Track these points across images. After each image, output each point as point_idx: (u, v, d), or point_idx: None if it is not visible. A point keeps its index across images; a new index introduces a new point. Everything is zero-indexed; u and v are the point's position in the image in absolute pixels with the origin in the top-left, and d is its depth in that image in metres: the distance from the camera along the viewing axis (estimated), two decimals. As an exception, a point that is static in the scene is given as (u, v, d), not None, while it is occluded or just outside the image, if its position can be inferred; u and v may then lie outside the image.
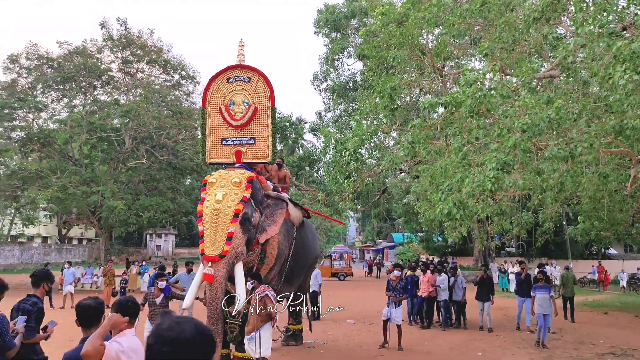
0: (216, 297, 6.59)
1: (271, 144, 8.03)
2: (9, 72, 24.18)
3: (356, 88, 30.15)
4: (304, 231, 9.27)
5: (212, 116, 8.25)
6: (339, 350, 10.14)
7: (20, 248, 39.18)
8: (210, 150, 8.28)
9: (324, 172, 32.40)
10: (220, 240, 6.76)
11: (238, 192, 7.17)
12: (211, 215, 6.90)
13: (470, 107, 7.99)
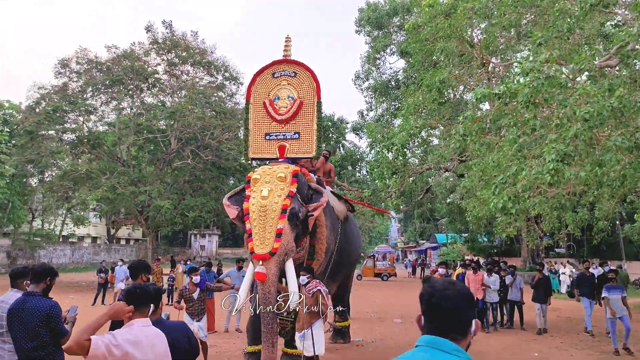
0: (269, 295, 6.39)
1: (316, 139, 7.86)
2: (60, 76, 24.97)
3: (399, 86, 29.82)
4: (348, 226, 9.00)
5: (256, 111, 8.16)
6: (388, 348, 9.95)
7: (71, 248, 40.44)
8: (253, 146, 8.15)
9: (367, 170, 32.22)
10: (269, 238, 6.56)
11: (284, 187, 6.97)
12: (258, 213, 6.72)
13: (526, 97, 7.68)
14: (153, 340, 2.99)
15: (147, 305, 3.13)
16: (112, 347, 2.71)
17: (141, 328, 2.97)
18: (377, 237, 62.41)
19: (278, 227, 6.60)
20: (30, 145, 24.48)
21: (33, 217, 37.09)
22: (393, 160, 11.91)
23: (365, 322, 13.51)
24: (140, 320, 3.02)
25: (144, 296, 3.11)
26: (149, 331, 3.01)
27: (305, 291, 6.93)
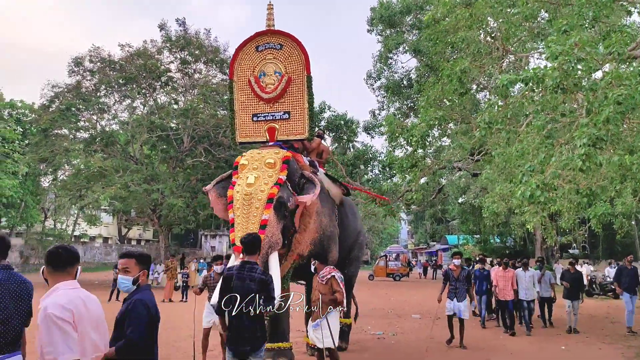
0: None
1: (308, 118, 7.15)
2: (73, 75, 25.03)
3: (411, 85, 29.64)
4: (343, 210, 8.30)
5: (241, 90, 7.42)
6: (410, 341, 9.77)
7: (83, 248, 40.54)
8: (241, 129, 7.47)
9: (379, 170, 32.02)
10: (252, 229, 5.98)
11: (272, 174, 6.42)
12: (242, 201, 6.18)
13: (555, 81, 7.49)
14: (86, 300, 2.86)
15: (73, 266, 2.95)
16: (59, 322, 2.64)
17: (67, 292, 2.81)
18: (387, 239, 62.17)
19: (263, 217, 6.08)
20: (44, 143, 24.56)
21: (45, 217, 37.23)
22: (412, 152, 11.74)
23: (382, 318, 13.33)
24: (67, 283, 2.87)
25: (69, 257, 2.95)
26: (77, 293, 2.85)
27: (318, 279, 6.61)
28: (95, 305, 2.91)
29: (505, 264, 11.34)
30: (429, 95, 12.21)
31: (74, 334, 2.65)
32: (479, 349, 8.97)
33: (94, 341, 2.82)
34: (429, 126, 11.04)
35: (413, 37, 29.66)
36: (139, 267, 3.37)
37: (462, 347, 8.83)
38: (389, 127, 13.64)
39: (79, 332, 2.71)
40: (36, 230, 36.09)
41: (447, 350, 8.83)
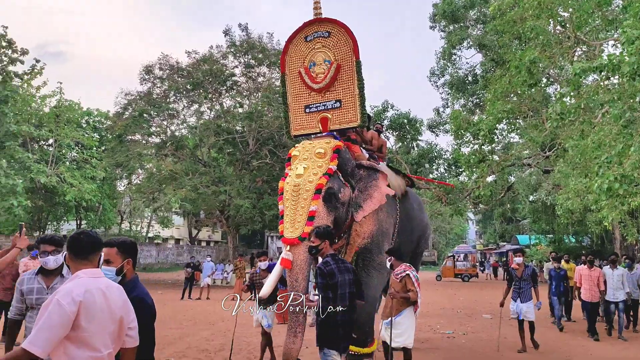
0: (296, 284, 5.71)
1: (359, 104, 6.86)
2: (145, 82, 26.12)
3: (476, 81, 28.92)
4: (407, 202, 7.96)
5: (293, 82, 7.29)
6: (481, 340, 9.51)
7: (156, 249, 42.20)
8: (294, 121, 7.30)
9: (444, 168, 31.42)
10: (300, 221, 5.86)
11: (322, 164, 6.22)
12: (291, 192, 6.03)
13: (632, 67, 7.09)
14: (106, 291, 2.67)
15: (95, 254, 2.78)
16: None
17: (86, 280, 2.62)
18: (454, 239, 60.86)
19: (311, 208, 5.91)
20: (119, 149, 25.77)
21: (122, 219, 39.05)
22: (479, 147, 11.43)
23: (452, 317, 13.06)
24: (88, 271, 2.68)
25: (90, 243, 2.76)
26: (97, 283, 2.66)
27: (393, 276, 6.54)
28: (116, 295, 2.75)
29: (591, 262, 10.35)
30: (496, 88, 11.84)
31: (60, 332, 2.44)
32: (555, 352, 8.59)
33: (112, 333, 2.67)
34: (497, 120, 10.72)
35: (477, 31, 28.96)
36: (121, 256, 3.20)
37: (535, 347, 8.46)
38: (454, 122, 13.34)
39: (89, 327, 2.53)
40: (113, 232, 37.89)
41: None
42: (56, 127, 29.75)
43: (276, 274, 6.09)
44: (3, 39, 28.81)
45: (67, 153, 32.39)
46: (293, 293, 6.91)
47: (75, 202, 30.87)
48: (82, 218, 36.55)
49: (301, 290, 5.67)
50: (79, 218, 36.72)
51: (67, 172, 29.42)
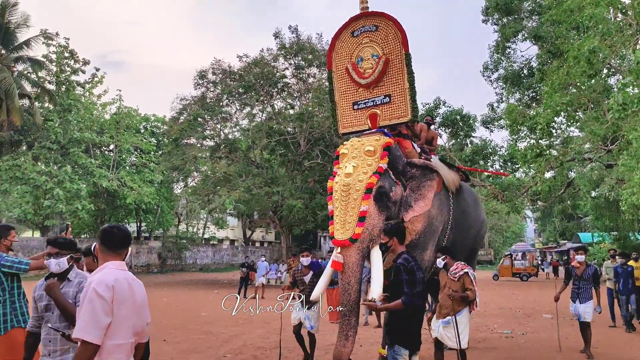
0: (348, 287, 5.59)
1: (410, 99, 6.57)
2: (199, 87, 26.79)
3: (532, 74, 28.01)
4: (462, 197, 7.60)
5: (340, 79, 7.09)
6: (541, 340, 9.22)
7: (212, 249, 43.18)
8: (342, 119, 7.10)
9: (500, 164, 30.61)
10: (350, 222, 5.71)
11: (371, 163, 6.02)
12: (341, 192, 5.87)
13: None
14: (132, 283, 2.75)
15: (125, 248, 2.88)
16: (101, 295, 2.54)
17: (115, 271, 2.71)
18: (511, 237, 59.16)
19: (361, 209, 5.74)
20: (175, 152, 26.53)
21: (179, 221, 40.16)
22: (536, 141, 11.06)
23: (510, 317, 12.71)
24: (115, 263, 2.77)
25: (123, 237, 2.87)
26: (124, 274, 2.75)
27: (450, 275, 6.36)
28: (139, 288, 2.84)
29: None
30: (553, 80, 11.41)
31: (104, 318, 2.53)
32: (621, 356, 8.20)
33: (134, 325, 2.73)
34: (555, 112, 10.33)
35: (532, 23, 28.05)
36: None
37: (589, 358, 7.70)
38: (509, 116, 12.95)
39: (119, 314, 2.61)
40: (171, 234, 39.02)
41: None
42: (116, 133, 30.97)
43: (327, 276, 6.02)
44: (66, 50, 30.24)
45: (127, 158, 33.65)
46: (293, 293, 6.96)
47: (135, 205, 32.02)
48: (142, 220, 37.84)
49: (354, 293, 5.56)
50: (139, 220, 38.03)
51: (127, 176, 30.56)
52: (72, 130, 28.76)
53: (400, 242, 4.88)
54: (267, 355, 8.01)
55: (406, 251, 4.84)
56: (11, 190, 26.97)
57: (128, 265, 5.56)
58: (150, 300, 3.15)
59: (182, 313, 13.48)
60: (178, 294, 20.10)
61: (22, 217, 28.38)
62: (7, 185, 27.21)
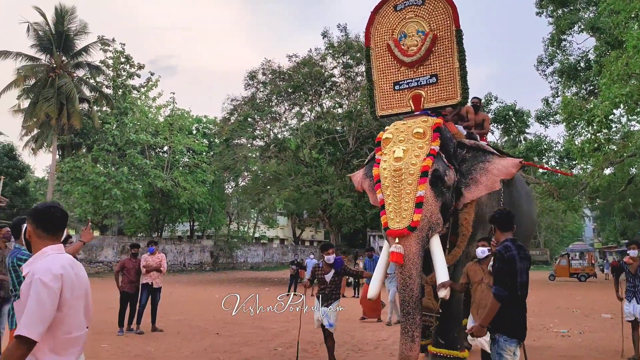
0: (410, 281, 5.13)
1: (460, 79, 5.99)
2: (249, 88, 27.23)
3: (589, 67, 26.98)
4: (514, 188, 6.97)
5: (380, 57, 6.48)
6: (599, 339, 8.87)
7: (263, 248, 43.77)
8: (381, 100, 6.50)
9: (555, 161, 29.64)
10: (407, 209, 5.23)
11: (423, 146, 5.51)
12: (392, 179, 5.37)
13: None
14: (74, 267, 2.49)
15: (62, 230, 2.58)
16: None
17: (58, 257, 2.43)
18: (568, 237, 57.10)
19: (418, 194, 5.25)
20: (226, 152, 27.07)
21: (230, 220, 40.94)
22: (594, 134, 10.65)
23: (567, 316, 12.30)
24: (55, 247, 2.48)
25: (63, 218, 2.54)
26: (66, 259, 2.47)
27: (486, 267, 5.58)
28: (82, 272, 2.57)
29: None
30: (612, 71, 10.96)
31: (52, 312, 2.27)
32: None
33: (86, 311, 2.54)
34: (614, 105, 9.92)
35: (589, 14, 27.05)
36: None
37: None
38: (565, 109, 12.51)
39: (72, 305, 2.38)
40: (223, 233, 39.81)
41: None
42: (170, 135, 31.89)
43: (381, 271, 5.60)
44: (122, 55, 31.39)
45: (180, 159, 34.57)
46: (293, 293, 6.62)
47: (188, 205, 32.86)
48: (195, 219, 38.78)
49: (416, 287, 5.16)
50: (192, 219, 38.99)
51: (181, 177, 31.41)
52: (129, 132, 29.80)
53: (502, 230, 4.37)
54: (316, 349, 8.06)
55: (511, 239, 4.31)
56: (72, 191, 28.25)
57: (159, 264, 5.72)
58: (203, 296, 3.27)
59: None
60: (230, 291, 20.48)
61: (83, 216, 29.67)
62: (69, 186, 28.50)
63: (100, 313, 11.80)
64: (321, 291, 6.87)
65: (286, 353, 7.85)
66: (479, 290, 5.56)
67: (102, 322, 10.15)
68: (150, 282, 9.81)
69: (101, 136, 30.58)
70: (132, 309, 9.67)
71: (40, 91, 28.24)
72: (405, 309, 5.17)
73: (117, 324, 9.51)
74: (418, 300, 5.18)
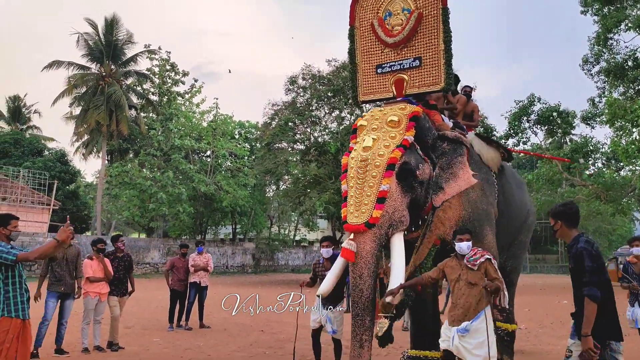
0: (360, 281, 4.75)
1: (444, 63, 5.48)
2: (289, 93, 27.67)
3: (638, 66, 26.24)
4: (504, 179, 6.45)
5: (363, 37, 6.01)
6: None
7: (303, 251, 44.13)
8: (363, 84, 6.06)
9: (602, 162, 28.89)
10: (367, 203, 4.82)
11: (395, 135, 5.09)
12: (357, 169, 4.98)
13: None
14: None
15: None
16: None
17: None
18: (617, 241, 55.21)
19: (381, 188, 4.83)
20: (267, 156, 27.58)
21: (271, 224, 41.47)
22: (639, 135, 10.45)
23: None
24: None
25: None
26: None
27: (467, 263, 4.83)
28: None
29: None
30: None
31: None
32: None
33: None
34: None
35: (637, 11, 26.33)
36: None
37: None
38: (609, 110, 12.31)
39: None
40: (264, 236, 40.35)
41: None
42: (213, 140, 32.61)
43: (338, 267, 5.22)
44: (167, 63, 32.37)
45: (223, 163, 35.28)
46: (293, 293, 6.26)
47: (230, 208, 33.49)
48: (237, 222, 39.46)
49: (367, 289, 4.76)
50: (234, 222, 39.68)
51: (223, 181, 32.08)
52: (173, 137, 30.67)
53: (569, 226, 4.02)
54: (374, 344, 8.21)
55: (582, 233, 4.01)
56: (120, 195, 29.27)
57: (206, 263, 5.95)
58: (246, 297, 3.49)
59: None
60: (272, 292, 20.84)
61: (130, 219, 30.70)
62: (117, 190, 29.56)
63: (150, 311, 12.34)
64: None
65: (329, 349, 8.03)
66: (457, 289, 4.84)
67: (152, 319, 10.61)
68: (198, 281, 10.22)
69: (147, 141, 31.58)
70: (181, 306, 10.07)
71: (90, 99, 29.49)
72: (354, 311, 4.82)
73: (167, 320, 9.93)
74: (368, 301, 4.79)
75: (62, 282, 7.31)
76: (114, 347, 7.86)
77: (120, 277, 8.16)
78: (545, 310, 13.42)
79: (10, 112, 40.92)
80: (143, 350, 7.97)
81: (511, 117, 26.56)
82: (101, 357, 7.38)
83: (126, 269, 8.28)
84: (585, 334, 3.60)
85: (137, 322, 9.64)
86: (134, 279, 8.60)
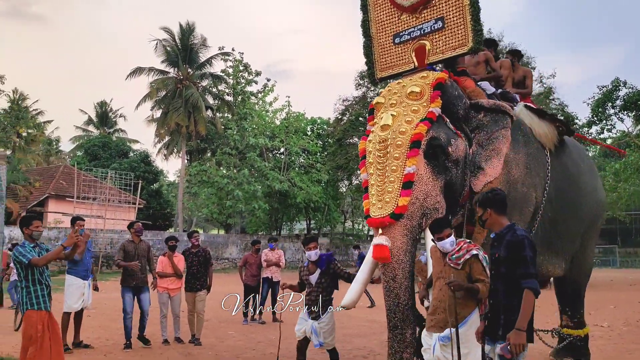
0: (394, 284, 3.98)
1: (470, 21, 4.63)
2: (359, 88, 27.70)
3: None
4: (567, 158, 5.52)
5: (377, 4, 5.31)
6: None
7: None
8: (380, 59, 5.33)
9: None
10: (391, 190, 4.06)
11: (418, 108, 4.32)
12: (376, 153, 4.25)
13: None
14: None
15: None
16: None
17: None
18: None
19: (405, 171, 4.07)
20: (339, 152, 27.79)
21: (345, 219, 41.68)
22: None
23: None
24: None
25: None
26: None
27: (449, 260, 3.96)
28: None
29: None
30: None
31: None
32: None
33: None
34: None
35: None
36: None
37: None
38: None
39: None
40: (338, 231, 40.64)
41: None
42: (286, 137, 33.23)
43: (366, 272, 4.45)
44: (240, 64, 33.32)
45: (296, 160, 35.87)
46: (293, 292, 5.53)
47: (304, 204, 34.02)
48: (311, 218, 40.02)
49: (404, 293, 4.01)
50: (308, 218, 40.25)
51: (297, 177, 32.63)
52: (248, 136, 31.55)
53: (498, 214, 3.53)
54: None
55: (514, 222, 3.61)
56: (200, 193, 30.53)
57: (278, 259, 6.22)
58: None
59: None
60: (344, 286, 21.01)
61: (209, 216, 31.95)
62: (196, 188, 30.85)
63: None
64: (307, 296, 5.53)
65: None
66: (437, 287, 4.01)
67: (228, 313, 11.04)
68: (270, 276, 10.54)
69: (223, 141, 32.70)
70: (247, 303, 10.42)
71: (170, 102, 30.93)
72: (391, 322, 4.05)
73: (242, 314, 10.32)
74: (407, 309, 4.02)
75: (133, 277, 7.75)
76: (195, 340, 8.14)
77: (194, 273, 8.40)
78: (633, 307, 12.70)
79: (99, 117, 43.84)
80: (219, 342, 8.36)
81: (594, 103, 25.09)
82: (180, 348, 7.81)
83: (201, 264, 8.44)
84: (521, 327, 3.21)
85: (213, 315, 10.06)
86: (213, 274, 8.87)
